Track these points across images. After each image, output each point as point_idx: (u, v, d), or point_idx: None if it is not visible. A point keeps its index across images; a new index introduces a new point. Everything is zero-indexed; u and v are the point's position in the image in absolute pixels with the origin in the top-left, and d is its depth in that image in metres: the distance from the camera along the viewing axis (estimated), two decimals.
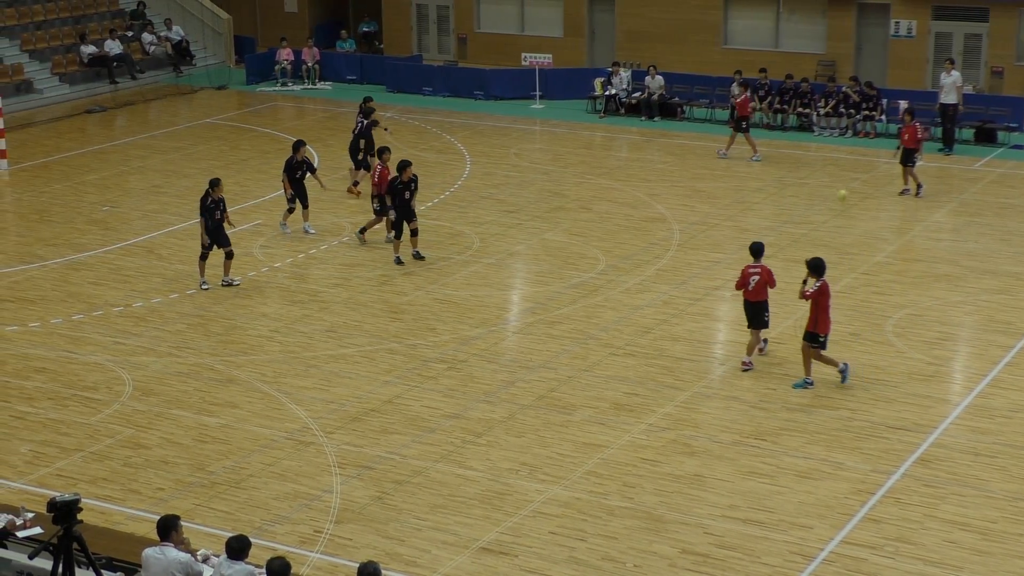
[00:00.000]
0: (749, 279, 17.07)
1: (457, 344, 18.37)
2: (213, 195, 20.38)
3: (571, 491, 14.24)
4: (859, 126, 30.44)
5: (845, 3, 34.14)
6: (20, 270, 21.83)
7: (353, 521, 13.66)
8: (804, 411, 16.13)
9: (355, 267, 21.63)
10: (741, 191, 25.98)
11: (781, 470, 14.65)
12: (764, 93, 31.36)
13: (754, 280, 17.00)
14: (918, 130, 25.33)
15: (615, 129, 31.75)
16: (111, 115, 33.74)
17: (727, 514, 13.73)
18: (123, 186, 27.11)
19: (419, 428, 15.82)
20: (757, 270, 17.05)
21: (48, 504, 9.69)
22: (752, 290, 17.06)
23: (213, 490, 14.36)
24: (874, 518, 13.63)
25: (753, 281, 17.00)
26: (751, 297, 17.14)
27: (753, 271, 17.06)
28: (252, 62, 37.60)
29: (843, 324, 18.78)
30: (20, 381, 17.35)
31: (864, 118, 30.35)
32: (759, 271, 17.05)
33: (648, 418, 16.01)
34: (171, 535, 10.81)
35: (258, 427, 15.91)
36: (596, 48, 37.73)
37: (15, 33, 35.79)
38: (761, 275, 17.01)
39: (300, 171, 22.98)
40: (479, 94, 34.84)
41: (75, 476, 14.70)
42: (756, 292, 17.06)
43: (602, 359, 17.81)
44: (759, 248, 17.28)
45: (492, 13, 39.01)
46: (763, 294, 17.09)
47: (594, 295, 20.22)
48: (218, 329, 19.07)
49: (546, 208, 24.92)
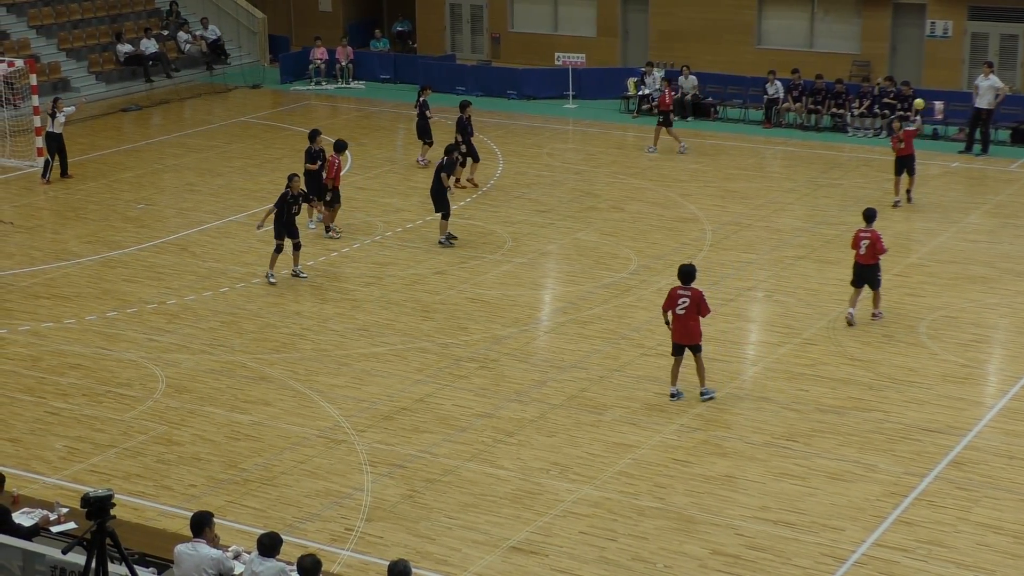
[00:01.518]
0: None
1: (489, 343, 18.38)
2: (291, 190, 20.61)
3: (602, 491, 14.21)
4: (894, 126, 30.16)
5: (880, 3, 33.93)
6: (56, 267, 21.99)
7: (384, 519, 13.68)
8: (836, 413, 16.04)
9: (388, 266, 21.67)
10: (774, 191, 25.86)
11: (813, 472, 14.58)
12: (798, 93, 31.20)
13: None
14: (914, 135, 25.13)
15: (648, 129, 31.63)
16: (146, 113, 33.94)
17: (758, 515, 13.67)
18: (157, 184, 27.27)
19: (450, 427, 15.83)
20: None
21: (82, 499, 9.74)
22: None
23: (245, 487, 14.42)
24: (907, 521, 13.54)
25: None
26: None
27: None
28: (286, 61, 37.73)
29: (877, 326, 18.68)
30: (55, 377, 17.48)
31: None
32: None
33: (679, 418, 15.96)
34: (204, 531, 10.86)
35: (290, 425, 15.97)
36: (629, 48, 37.64)
37: (52, 32, 36.07)
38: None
39: (320, 160, 23.13)
40: (512, 94, 34.83)
41: (109, 472, 14.79)
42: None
43: (633, 359, 17.77)
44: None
45: (525, 12, 38.99)
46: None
47: (626, 295, 20.18)
48: (251, 327, 19.16)
49: (578, 208, 24.89)
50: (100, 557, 9.73)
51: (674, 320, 16.19)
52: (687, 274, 16.19)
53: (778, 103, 31.35)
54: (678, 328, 16.19)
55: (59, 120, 26.68)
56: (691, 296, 16.07)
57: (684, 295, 16.10)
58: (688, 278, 16.16)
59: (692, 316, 16.05)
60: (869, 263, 18.35)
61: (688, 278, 16.16)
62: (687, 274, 16.19)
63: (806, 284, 20.53)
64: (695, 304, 16.05)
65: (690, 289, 16.11)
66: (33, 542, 11.06)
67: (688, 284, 16.13)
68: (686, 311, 16.04)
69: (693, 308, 16.04)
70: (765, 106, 31.47)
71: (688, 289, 16.11)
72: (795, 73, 31.34)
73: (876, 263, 18.40)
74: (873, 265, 18.37)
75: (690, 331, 16.14)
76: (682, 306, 16.06)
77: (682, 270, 16.27)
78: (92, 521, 9.70)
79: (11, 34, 35.21)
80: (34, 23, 35.97)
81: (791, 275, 20.90)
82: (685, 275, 16.19)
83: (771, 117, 31.38)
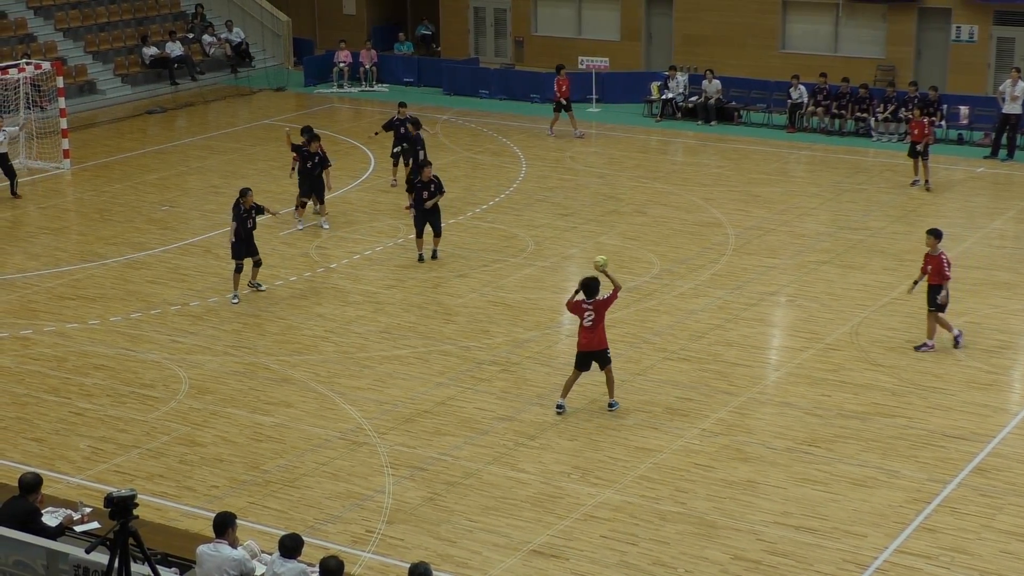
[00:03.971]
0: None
1: (511, 347, 18.38)
2: (244, 203, 20.02)
3: (623, 495, 14.19)
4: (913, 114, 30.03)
5: (906, 7, 33.79)
6: (81, 268, 22.11)
7: (405, 522, 13.70)
8: (859, 418, 15.97)
9: (410, 269, 21.70)
10: (797, 196, 25.78)
11: (835, 477, 14.52)
12: (822, 97, 31.09)
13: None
14: (925, 125, 25.81)
15: (671, 133, 31.63)
16: (171, 116, 34.10)
17: (780, 521, 13.63)
18: (182, 186, 27.39)
19: (471, 430, 15.84)
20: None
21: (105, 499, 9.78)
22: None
23: (267, 488, 14.46)
24: (929, 527, 13.47)
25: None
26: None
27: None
28: (310, 64, 37.85)
29: (900, 331, 18.60)
30: (80, 378, 17.58)
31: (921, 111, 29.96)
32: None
33: (701, 423, 15.93)
34: (227, 532, 10.90)
35: (312, 427, 16.00)
36: (653, 52, 37.61)
37: (79, 35, 36.29)
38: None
39: (312, 163, 23.31)
40: (535, 97, 34.83)
41: (132, 472, 14.86)
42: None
43: (655, 363, 17.74)
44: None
45: (549, 16, 39.01)
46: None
47: (648, 299, 20.15)
48: (274, 329, 19.21)
49: (601, 211, 24.87)
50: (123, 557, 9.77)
51: (580, 331, 15.96)
52: (590, 288, 15.87)
53: (802, 107, 31.27)
54: (586, 338, 15.93)
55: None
56: (595, 308, 15.86)
57: (588, 308, 15.87)
58: (591, 293, 15.88)
59: (598, 327, 15.88)
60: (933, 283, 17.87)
61: (591, 293, 15.88)
62: (590, 288, 15.87)
63: (829, 289, 20.45)
64: (601, 314, 15.88)
65: (593, 302, 15.88)
66: (57, 541, 11.12)
67: (592, 298, 15.88)
68: (593, 323, 15.86)
69: (599, 319, 15.86)
70: (789, 110, 31.38)
71: (591, 303, 15.88)
72: (822, 77, 31.23)
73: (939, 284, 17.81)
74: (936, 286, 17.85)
75: (597, 340, 15.91)
76: (588, 319, 15.86)
77: (584, 284, 15.92)
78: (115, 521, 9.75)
79: (38, 37, 35.45)
80: (61, 26, 36.20)
81: (814, 280, 20.83)
82: (588, 290, 15.87)
83: (795, 121, 31.30)
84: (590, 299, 15.91)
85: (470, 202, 25.25)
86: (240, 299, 20.24)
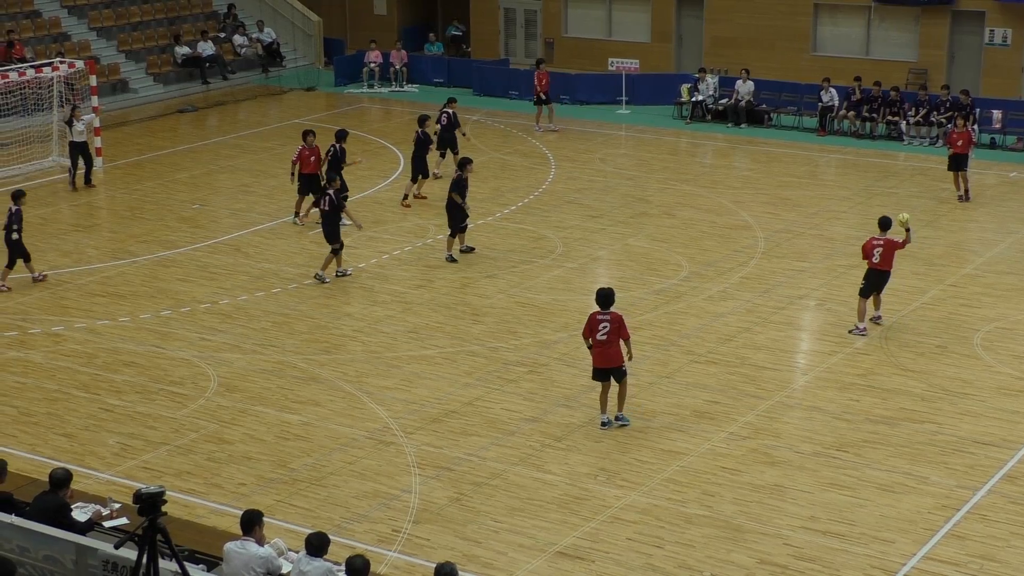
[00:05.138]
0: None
1: (538, 348, 18.38)
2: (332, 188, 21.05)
3: (649, 498, 14.17)
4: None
5: (939, 10, 33.60)
6: (112, 265, 22.26)
7: (431, 522, 13.72)
8: (888, 424, 15.89)
9: (438, 269, 21.73)
10: (827, 200, 25.67)
11: (863, 482, 14.45)
12: (856, 101, 30.93)
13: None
14: (971, 135, 25.62)
15: (701, 135, 31.56)
16: (202, 115, 34.28)
17: (807, 525, 13.58)
18: (213, 185, 27.53)
19: (498, 431, 15.85)
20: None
21: (134, 495, 9.85)
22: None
23: (294, 487, 14.52)
24: (958, 534, 13.39)
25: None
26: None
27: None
28: (341, 64, 37.97)
29: (930, 336, 18.50)
30: (110, 374, 17.69)
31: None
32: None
33: (729, 426, 15.89)
34: (254, 530, 10.94)
35: (339, 426, 16.05)
36: (683, 54, 37.54)
37: (112, 34, 36.53)
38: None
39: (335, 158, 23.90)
40: (565, 98, 34.81)
41: (160, 469, 14.95)
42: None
43: (683, 366, 17.71)
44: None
45: (579, 17, 38.99)
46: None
47: (676, 302, 20.11)
48: (302, 328, 19.28)
49: (630, 213, 24.85)
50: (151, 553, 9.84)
51: (595, 346, 15.65)
52: (606, 298, 15.64)
53: (833, 110, 31.14)
54: (600, 354, 15.65)
55: (77, 128, 26.72)
56: (611, 320, 15.55)
57: (604, 320, 15.56)
58: (607, 302, 15.63)
59: (614, 341, 15.58)
60: (884, 269, 18.54)
61: (607, 302, 15.63)
62: (606, 298, 15.64)
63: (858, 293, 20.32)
64: (616, 328, 15.55)
65: (610, 313, 15.58)
66: (86, 537, 11.19)
67: (607, 308, 15.61)
68: (608, 336, 15.54)
69: (615, 333, 15.54)
70: (819, 113, 31.25)
71: (607, 313, 15.57)
72: (857, 80, 31.06)
73: (889, 271, 18.61)
74: (887, 272, 18.59)
75: (612, 356, 15.62)
76: (603, 331, 15.51)
77: (600, 294, 15.70)
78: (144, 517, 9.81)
79: (72, 36, 35.71)
80: (95, 25, 36.46)
81: (843, 284, 20.73)
82: (604, 299, 15.63)
83: (825, 124, 31.17)
84: (606, 310, 15.63)
85: (499, 203, 25.27)
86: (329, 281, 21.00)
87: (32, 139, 28.79)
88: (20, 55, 32.73)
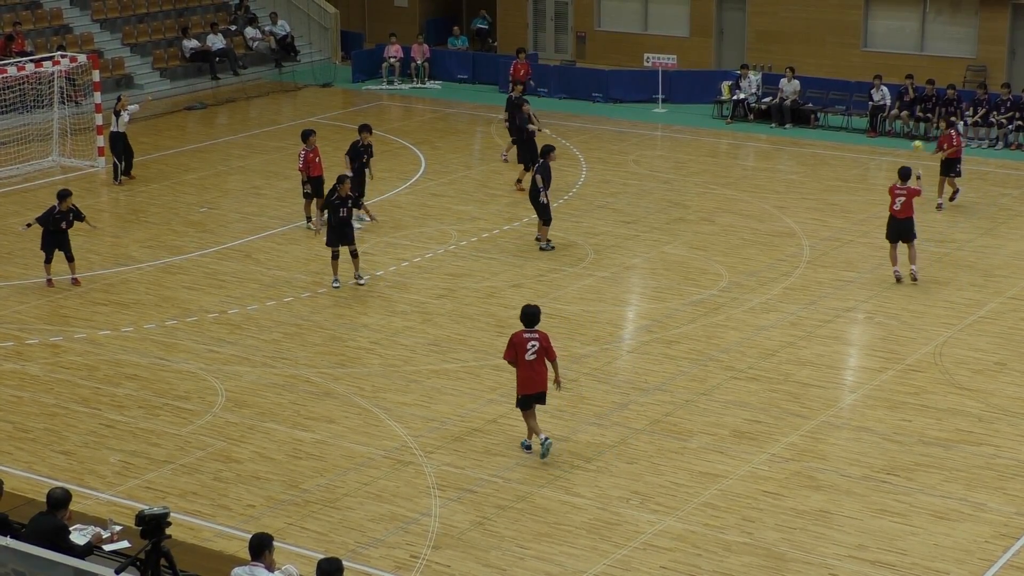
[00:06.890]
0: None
1: (567, 362, 18.38)
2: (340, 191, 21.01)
3: (685, 523, 14.16)
4: (1011, 137, 29.80)
5: (999, 3, 33.47)
6: (114, 272, 22.40)
7: (452, 547, 13.74)
8: (943, 446, 15.83)
9: (461, 277, 21.79)
10: (877, 205, 25.57)
11: (915, 509, 14.40)
12: (910, 100, 30.83)
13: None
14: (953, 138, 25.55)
15: (742, 136, 31.54)
16: (212, 112, 34.49)
17: (854, 554, 13.54)
18: (222, 186, 27.69)
19: (524, 450, 15.86)
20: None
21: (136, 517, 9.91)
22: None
23: (306, 509, 14.56)
24: (1018, 565, 13.31)
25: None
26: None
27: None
28: (359, 59, 38.13)
29: (988, 353, 18.42)
30: (111, 388, 17.80)
31: (1016, 128, 29.72)
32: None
33: (771, 448, 15.86)
34: (263, 555, 10.98)
35: (355, 444, 16.10)
36: (724, 49, 37.53)
37: (117, 26, 36.80)
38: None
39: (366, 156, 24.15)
40: (598, 96, 34.87)
41: (164, 489, 15.02)
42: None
43: (722, 383, 17.69)
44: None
45: (613, 10, 39.04)
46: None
47: (715, 314, 20.10)
48: (316, 339, 19.36)
49: (666, 219, 24.85)
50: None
51: (522, 369, 15.46)
52: (532, 316, 15.52)
53: (884, 110, 31.06)
54: (527, 378, 15.46)
55: (123, 119, 27.19)
56: (539, 339, 15.44)
57: (532, 339, 15.42)
58: (533, 320, 15.51)
59: (541, 361, 15.47)
60: (905, 216, 20.83)
61: (533, 320, 15.51)
62: (532, 316, 15.52)
63: (910, 306, 20.29)
64: (545, 348, 15.44)
65: (536, 331, 15.47)
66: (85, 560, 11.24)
67: (533, 327, 15.50)
68: (536, 356, 15.39)
69: (542, 352, 15.43)
70: (870, 113, 31.19)
71: (535, 331, 15.46)
72: (909, 79, 30.96)
73: (911, 217, 20.86)
74: (909, 219, 20.84)
75: (539, 379, 15.48)
76: (532, 350, 15.36)
77: (526, 312, 15.59)
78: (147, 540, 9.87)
79: (74, 28, 36.00)
80: (98, 16, 36.75)
81: (894, 295, 20.68)
82: (530, 317, 15.51)
83: (876, 125, 31.09)
84: (532, 328, 15.48)
85: (526, 207, 25.28)
86: (341, 285, 21.16)
87: (31, 138, 29.03)
88: (20, 49, 32.99)
